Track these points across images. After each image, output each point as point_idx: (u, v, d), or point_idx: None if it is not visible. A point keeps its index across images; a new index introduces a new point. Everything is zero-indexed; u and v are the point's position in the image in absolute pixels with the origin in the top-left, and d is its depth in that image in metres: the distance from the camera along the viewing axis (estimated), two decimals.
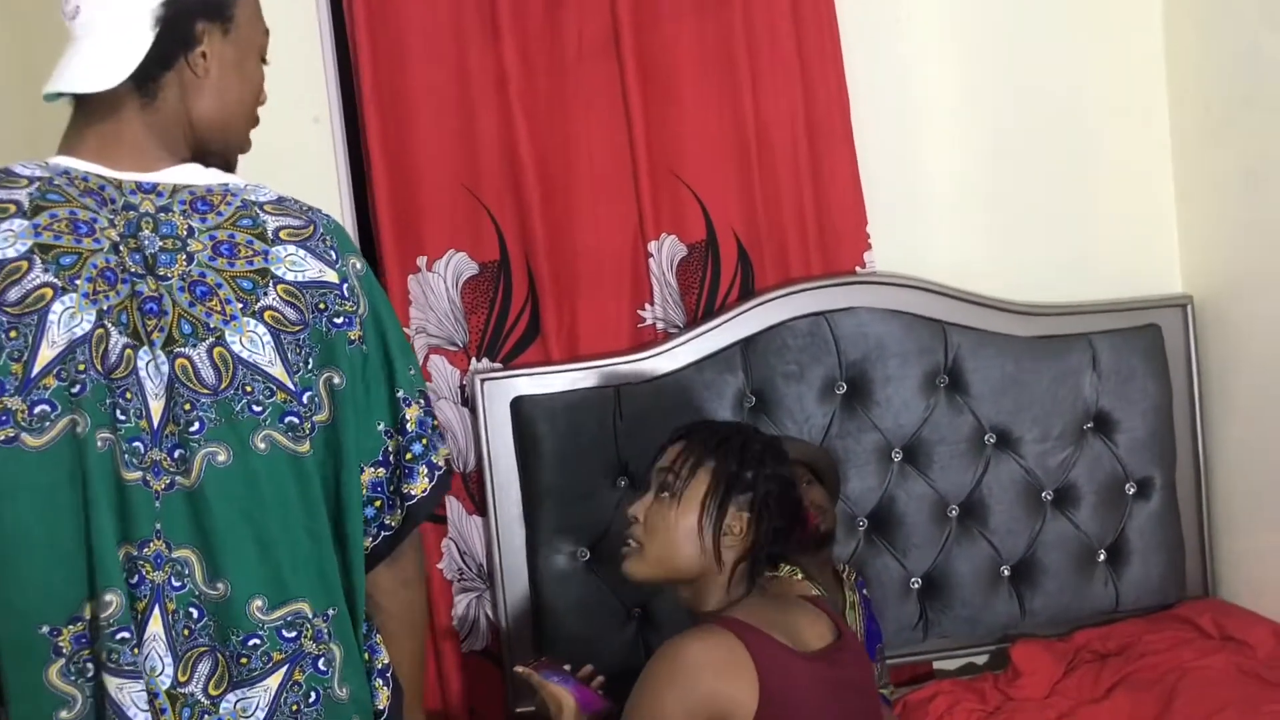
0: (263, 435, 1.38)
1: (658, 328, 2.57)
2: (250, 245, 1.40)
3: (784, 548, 1.71)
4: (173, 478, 1.35)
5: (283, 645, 1.39)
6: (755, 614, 1.62)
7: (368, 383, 1.45)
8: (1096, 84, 2.72)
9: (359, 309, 1.43)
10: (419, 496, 1.48)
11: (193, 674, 1.37)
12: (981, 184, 2.70)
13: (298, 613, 1.40)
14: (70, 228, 1.35)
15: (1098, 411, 2.60)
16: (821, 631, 1.68)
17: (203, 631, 1.37)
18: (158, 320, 1.35)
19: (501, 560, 2.47)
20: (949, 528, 2.55)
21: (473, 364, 2.53)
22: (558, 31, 2.51)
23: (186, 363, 1.35)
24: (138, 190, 1.40)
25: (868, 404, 2.52)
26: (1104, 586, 2.60)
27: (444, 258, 2.51)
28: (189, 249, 1.38)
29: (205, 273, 1.37)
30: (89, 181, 1.39)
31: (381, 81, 2.46)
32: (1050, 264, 2.70)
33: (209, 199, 1.42)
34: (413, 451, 1.48)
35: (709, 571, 1.66)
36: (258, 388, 1.37)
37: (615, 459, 2.46)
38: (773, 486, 1.68)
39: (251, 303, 1.38)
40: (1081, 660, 2.44)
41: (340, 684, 1.43)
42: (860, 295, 2.52)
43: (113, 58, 1.41)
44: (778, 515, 1.67)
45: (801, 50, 2.57)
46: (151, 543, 1.35)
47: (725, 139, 2.56)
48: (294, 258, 1.41)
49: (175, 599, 1.36)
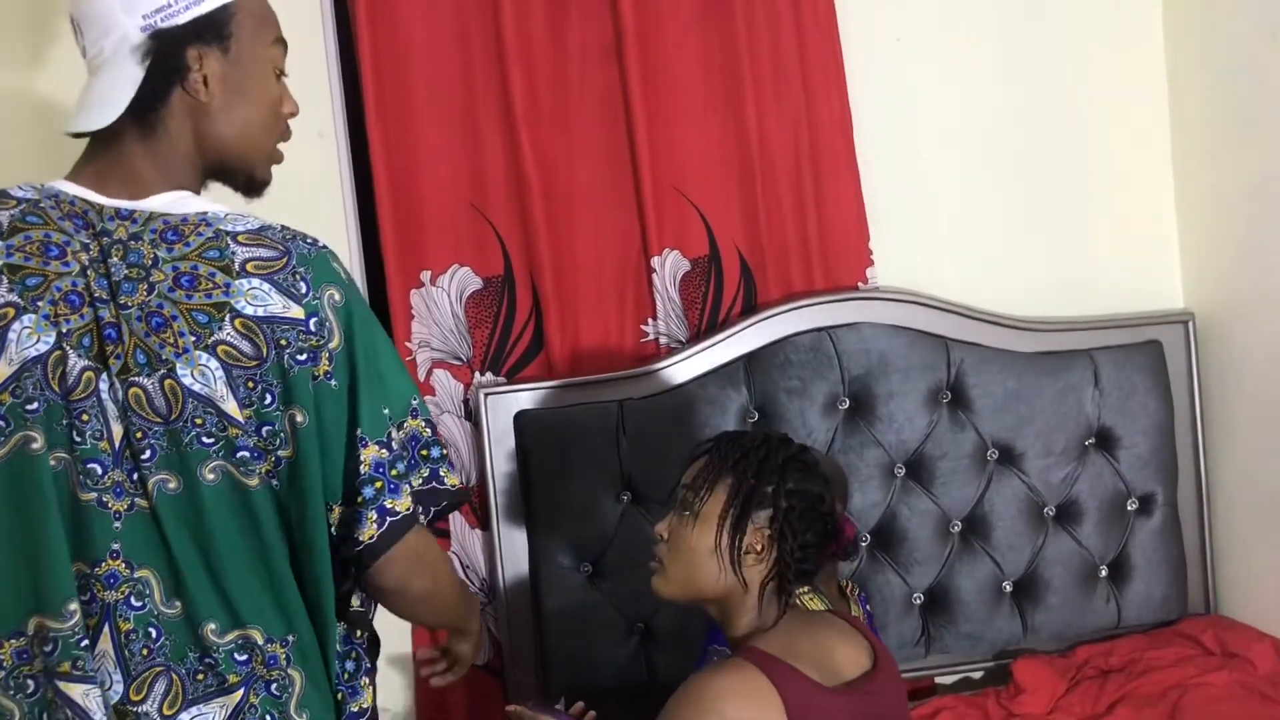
0: (213, 466, 1.37)
1: (661, 342, 2.57)
2: (212, 278, 1.37)
3: (816, 565, 1.62)
4: (134, 499, 1.36)
5: (237, 668, 1.40)
6: (786, 644, 1.54)
7: (334, 418, 1.39)
8: (1097, 100, 2.73)
9: (329, 342, 1.38)
10: (364, 543, 1.41)
11: (149, 693, 1.37)
12: (983, 200, 2.71)
13: (248, 639, 1.40)
14: (41, 250, 1.36)
15: (1100, 428, 2.60)
16: (857, 657, 1.60)
17: (160, 651, 1.38)
18: (115, 347, 1.35)
19: (504, 574, 2.47)
20: (951, 543, 2.56)
21: (476, 378, 2.53)
22: (561, 48, 2.52)
23: (140, 391, 1.35)
24: (116, 216, 1.40)
25: (870, 419, 2.52)
26: (1106, 603, 2.60)
27: (448, 272, 2.51)
28: (151, 279, 1.36)
29: (163, 304, 1.36)
30: (74, 205, 1.40)
31: (385, 96, 2.47)
32: (1052, 280, 2.71)
33: (181, 229, 1.39)
34: (363, 495, 1.40)
35: (735, 592, 1.59)
36: (209, 420, 1.35)
37: (618, 473, 2.46)
38: (796, 501, 1.58)
39: (205, 336, 1.35)
40: (1084, 676, 2.44)
41: (298, 710, 1.42)
42: (863, 311, 2.53)
43: (108, 95, 1.42)
44: (803, 531, 1.58)
45: (804, 65, 2.58)
46: (105, 562, 1.35)
47: (728, 154, 2.57)
48: (256, 291, 1.37)
49: (133, 619, 1.37)
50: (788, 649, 1.53)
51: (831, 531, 1.63)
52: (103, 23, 1.41)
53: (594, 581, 2.46)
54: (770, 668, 1.49)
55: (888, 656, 1.64)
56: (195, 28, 1.43)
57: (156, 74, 1.42)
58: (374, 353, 1.43)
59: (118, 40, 1.41)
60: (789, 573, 1.58)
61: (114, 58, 1.42)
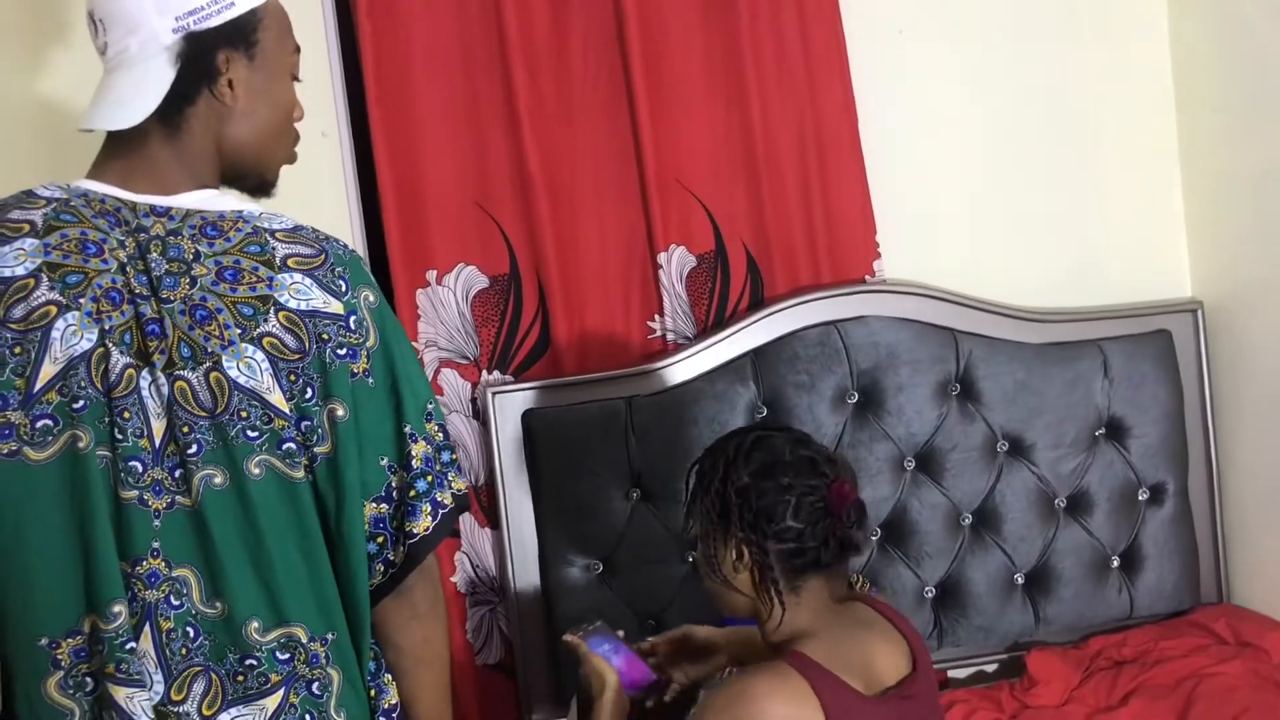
0: (258, 460, 1.38)
1: (668, 339, 2.57)
2: (255, 271, 1.39)
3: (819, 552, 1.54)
4: (174, 497, 1.36)
5: (278, 667, 1.40)
6: (827, 650, 1.49)
7: (373, 416, 1.43)
8: (1103, 88, 2.71)
9: (366, 341, 1.42)
10: (420, 535, 1.45)
11: (188, 693, 1.38)
12: (990, 190, 2.69)
13: (291, 636, 1.40)
14: (79, 248, 1.36)
15: (1109, 418, 2.59)
16: (898, 662, 1.56)
17: (199, 650, 1.38)
18: (159, 342, 1.35)
19: (514, 573, 2.47)
20: (962, 536, 2.55)
21: (483, 377, 2.53)
22: (563, 43, 2.51)
23: (185, 385, 1.36)
24: (151, 213, 1.41)
25: (880, 413, 2.51)
26: (1118, 593, 2.59)
27: (453, 271, 2.51)
28: (193, 273, 1.38)
29: (207, 297, 1.37)
30: (106, 204, 1.41)
31: (388, 95, 2.46)
32: (1060, 270, 2.70)
33: (219, 224, 1.41)
34: (416, 488, 1.45)
35: (751, 604, 1.56)
36: (254, 414, 1.37)
37: (627, 471, 2.45)
38: (751, 498, 1.52)
39: (250, 328, 1.37)
40: (1097, 668, 2.43)
41: (336, 709, 1.43)
42: (871, 304, 2.52)
43: (136, 95, 1.42)
44: (778, 518, 1.51)
45: (808, 59, 2.56)
46: (146, 561, 1.35)
47: (733, 149, 2.55)
48: (299, 285, 1.40)
49: (173, 618, 1.37)
50: (831, 656, 1.49)
51: (821, 508, 1.53)
52: (130, 21, 1.41)
53: (605, 579, 2.46)
54: (813, 674, 1.46)
55: (926, 657, 1.61)
56: (226, 32, 1.45)
57: (187, 77, 1.43)
58: (407, 355, 1.47)
59: (146, 39, 1.42)
60: (773, 572, 1.52)
61: (140, 56, 1.42)
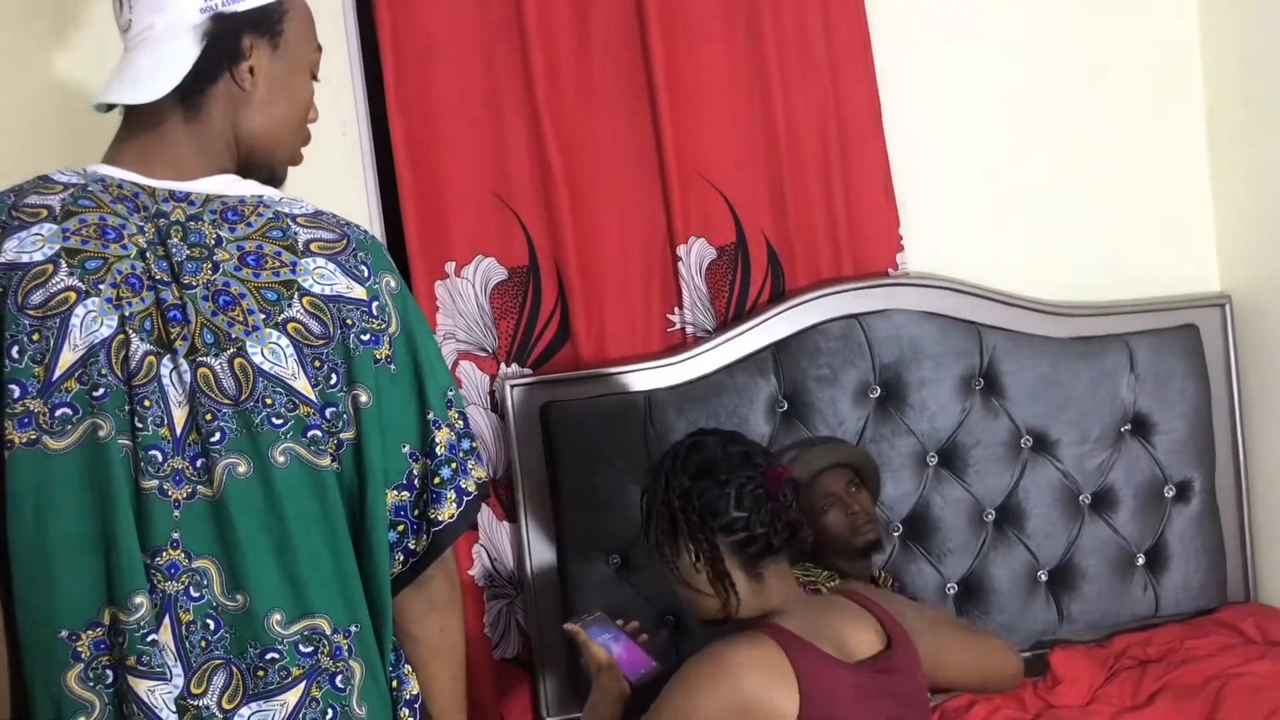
0: (283, 448, 1.36)
1: (687, 332, 2.54)
2: (278, 256, 1.37)
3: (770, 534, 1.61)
4: (195, 487, 1.34)
5: (300, 660, 1.37)
6: (798, 622, 1.58)
7: (395, 403, 1.41)
8: (1130, 78, 2.68)
9: (389, 327, 1.40)
10: (445, 522, 1.43)
11: (208, 686, 1.35)
12: (1014, 182, 2.67)
13: (315, 628, 1.37)
14: (98, 233, 1.34)
15: (1135, 413, 2.56)
16: (868, 638, 1.62)
17: (219, 644, 1.35)
18: (181, 328, 1.33)
19: (532, 567, 2.45)
20: (985, 532, 2.52)
21: (502, 369, 2.51)
22: (584, 32, 2.49)
23: (208, 372, 1.34)
24: (170, 198, 1.39)
25: (902, 407, 2.49)
26: (1143, 591, 2.56)
27: (472, 263, 2.49)
28: (215, 258, 1.36)
29: (230, 282, 1.35)
30: (123, 189, 1.39)
31: (407, 86, 2.44)
32: (1085, 263, 2.67)
33: (240, 209, 1.40)
34: (441, 476, 1.43)
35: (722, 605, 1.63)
36: (279, 400, 1.35)
37: (646, 464, 2.43)
38: (690, 500, 1.61)
39: (275, 314, 1.35)
40: (1122, 667, 2.40)
41: (359, 703, 1.40)
42: (894, 297, 2.49)
43: (158, 71, 1.41)
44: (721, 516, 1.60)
45: (831, 49, 2.54)
46: (166, 552, 1.33)
47: (754, 140, 2.53)
48: (322, 270, 1.38)
49: (193, 610, 1.34)
50: (804, 629, 1.56)
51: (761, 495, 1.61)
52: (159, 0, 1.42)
53: (623, 574, 2.44)
54: (786, 641, 1.52)
55: (904, 637, 1.64)
56: (253, 17, 1.44)
57: (211, 56, 1.42)
58: (429, 341, 1.45)
59: (174, 18, 1.41)
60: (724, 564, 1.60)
61: (165, 35, 1.41)
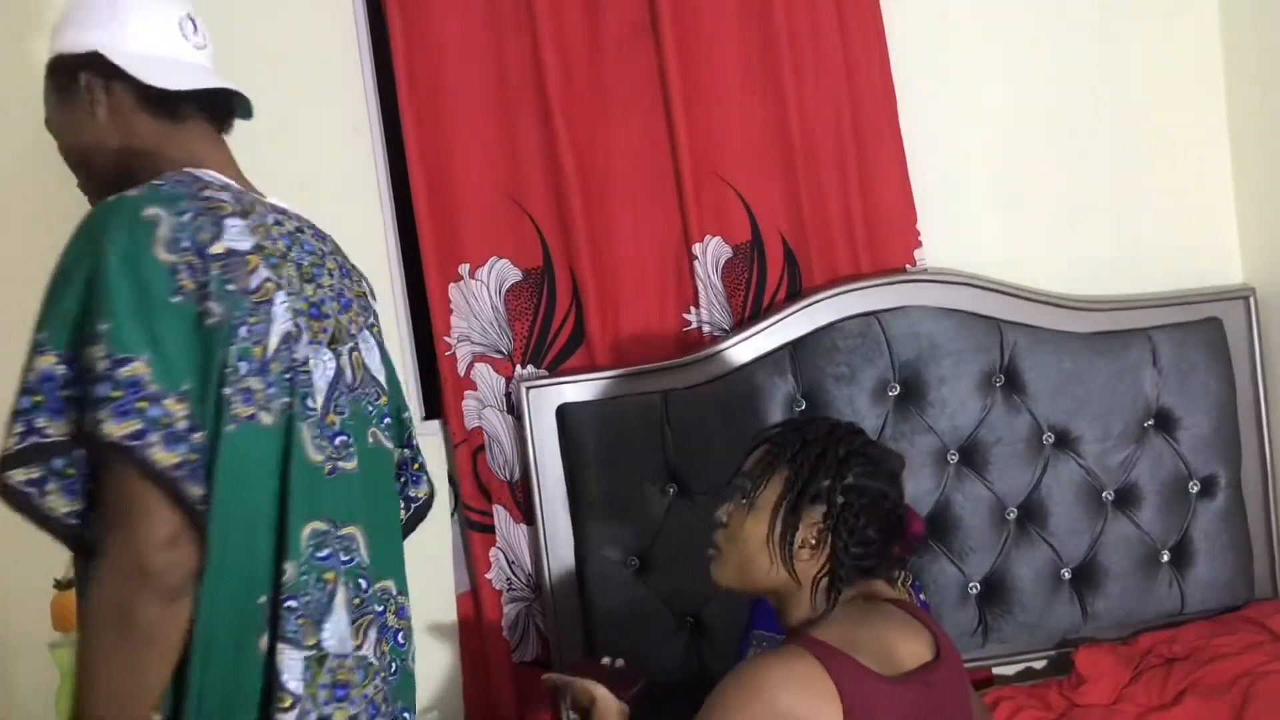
0: (374, 430, 1.54)
1: (704, 331, 2.53)
2: (356, 270, 1.62)
3: (878, 562, 1.57)
4: (335, 463, 1.44)
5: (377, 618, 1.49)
6: (842, 634, 1.50)
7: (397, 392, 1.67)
8: (1149, 67, 2.65)
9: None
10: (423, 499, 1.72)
11: (364, 639, 1.45)
12: (1032, 176, 2.63)
13: (385, 589, 1.50)
14: (266, 233, 1.43)
15: (1159, 409, 2.53)
16: (917, 649, 1.55)
17: (371, 599, 1.47)
18: (321, 323, 1.47)
19: (550, 569, 2.44)
20: (1007, 530, 2.49)
21: (518, 371, 2.50)
22: (596, 31, 2.48)
23: (341, 364, 1.48)
24: (270, 210, 1.48)
25: (922, 405, 2.46)
26: (1168, 588, 2.53)
27: (486, 265, 2.48)
28: (327, 265, 1.52)
29: (342, 288, 1.53)
30: (245, 195, 1.47)
31: (419, 88, 2.44)
32: (1106, 257, 2.64)
33: (314, 227, 1.56)
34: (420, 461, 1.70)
35: (788, 585, 1.55)
36: (374, 390, 1.55)
37: (664, 465, 2.42)
38: (854, 497, 1.53)
39: (368, 318, 1.58)
40: (1148, 665, 2.36)
41: (411, 659, 1.54)
42: (912, 294, 2.47)
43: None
44: (862, 527, 1.53)
45: (846, 44, 2.52)
46: (328, 519, 1.43)
47: (769, 136, 2.51)
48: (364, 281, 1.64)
49: (345, 571, 1.44)
50: (845, 638, 1.49)
51: (895, 528, 1.57)
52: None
53: (642, 576, 2.42)
54: (826, 656, 1.45)
55: (951, 649, 1.59)
56: None
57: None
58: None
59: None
60: (841, 570, 1.53)
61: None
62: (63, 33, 1.50)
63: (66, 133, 1.52)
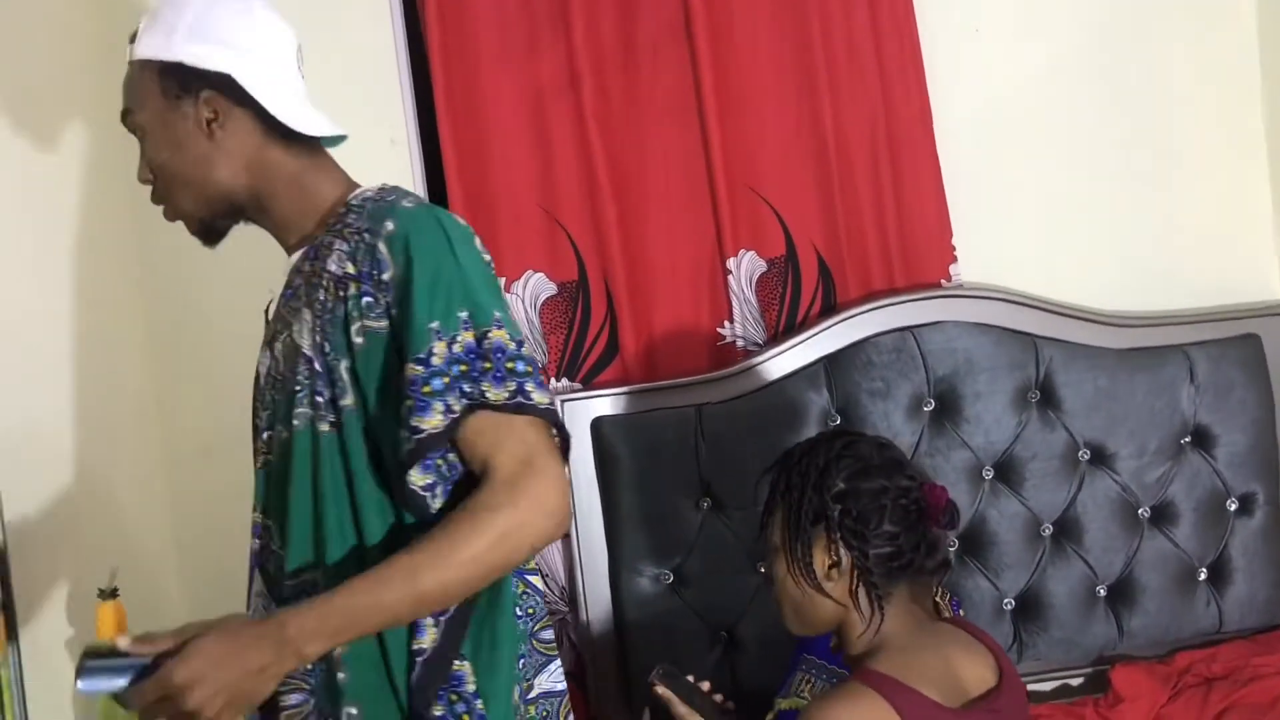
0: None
1: (738, 345, 2.53)
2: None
3: (914, 555, 1.51)
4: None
5: None
6: (904, 663, 1.45)
7: None
8: (1185, 80, 2.63)
9: None
10: None
11: None
12: (1068, 190, 2.62)
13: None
14: None
15: (1196, 425, 2.51)
16: (982, 673, 1.50)
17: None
18: None
19: (584, 583, 2.44)
20: (1043, 547, 2.48)
21: (552, 384, 2.50)
22: (631, 48, 2.49)
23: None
24: None
25: (957, 421, 2.45)
26: (1206, 606, 2.51)
27: (522, 278, 2.49)
28: None
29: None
30: None
31: (456, 101, 2.45)
32: (1143, 272, 2.62)
33: None
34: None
35: (839, 613, 1.52)
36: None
37: (698, 479, 2.42)
38: (850, 502, 1.49)
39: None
40: (1186, 684, 2.34)
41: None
42: (947, 309, 2.46)
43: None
44: (875, 525, 1.48)
45: (881, 59, 2.51)
46: None
47: (804, 151, 2.51)
48: None
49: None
50: (908, 668, 1.44)
51: (914, 514, 1.52)
52: None
53: (676, 590, 2.42)
54: (890, 691, 1.41)
55: (1012, 670, 1.55)
56: None
57: None
58: None
59: None
60: (871, 576, 1.49)
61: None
62: (188, 42, 1.43)
63: (166, 146, 1.45)
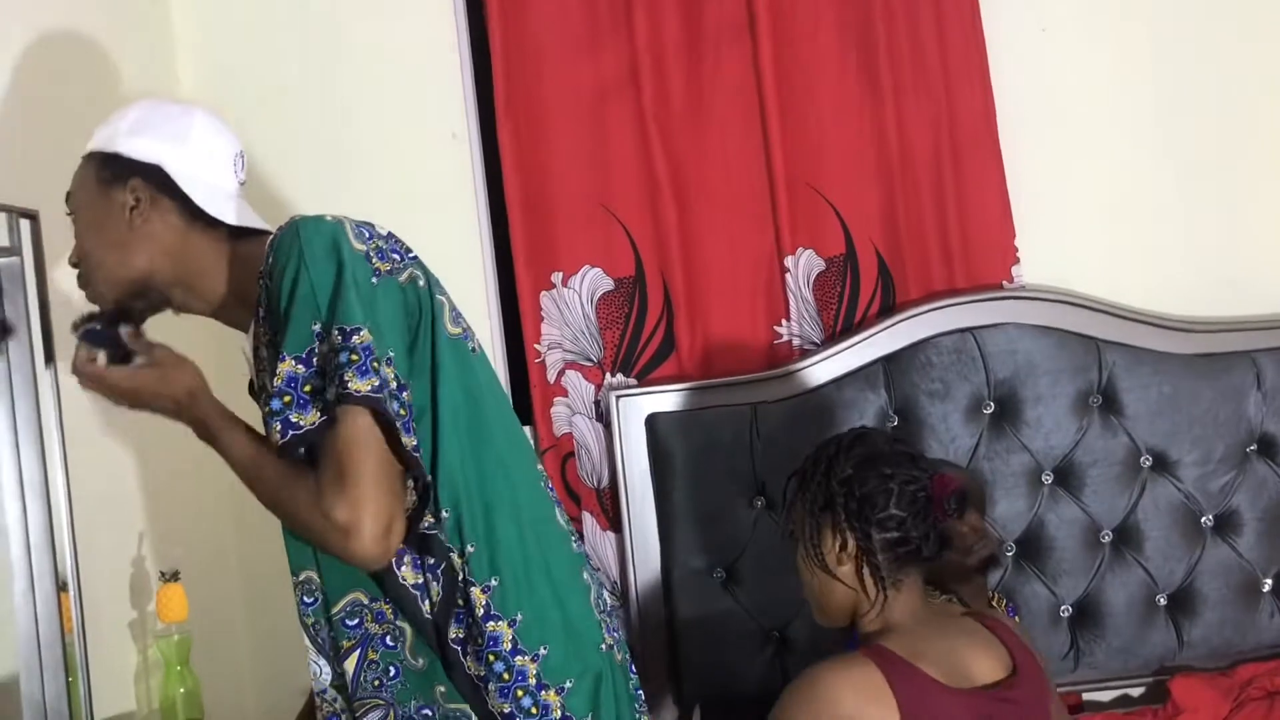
0: None
1: (794, 344, 2.51)
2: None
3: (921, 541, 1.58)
4: None
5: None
6: (910, 644, 1.53)
7: None
8: (1254, 84, 2.57)
9: None
10: None
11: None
12: (1134, 193, 2.57)
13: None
14: None
15: (1262, 434, 2.45)
16: (991, 665, 1.56)
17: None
18: None
19: (636, 578, 2.44)
20: (1102, 554, 2.44)
21: (607, 379, 2.51)
22: (694, 46, 2.49)
23: None
24: None
25: (1017, 424, 2.42)
26: (1269, 618, 2.45)
27: (579, 273, 2.49)
28: None
29: None
30: None
31: (516, 96, 2.47)
32: (1210, 277, 2.56)
33: None
34: None
35: (852, 598, 1.60)
36: None
37: (752, 478, 2.41)
38: (856, 487, 1.57)
39: None
40: (1249, 697, 2.30)
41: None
42: (1009, 311, 2.43)
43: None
44: (879, 508, 1.56)
45: (944, 55, 2.49)
46: None
47: (866, 150, 2.49)
48: None
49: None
50: (913, 647, 1.52)
51: (921, 501, 1.59)
52: None
53: (728, 588, 2.41)
54: (887, 664, 1.49)
55: (1032, 666, 1.60)
56: None
57: None
58: None
59: None
60: (875, 557, 1.56)
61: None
62: (130, 137, 1.54)
63: (89, 228, 1.56)
